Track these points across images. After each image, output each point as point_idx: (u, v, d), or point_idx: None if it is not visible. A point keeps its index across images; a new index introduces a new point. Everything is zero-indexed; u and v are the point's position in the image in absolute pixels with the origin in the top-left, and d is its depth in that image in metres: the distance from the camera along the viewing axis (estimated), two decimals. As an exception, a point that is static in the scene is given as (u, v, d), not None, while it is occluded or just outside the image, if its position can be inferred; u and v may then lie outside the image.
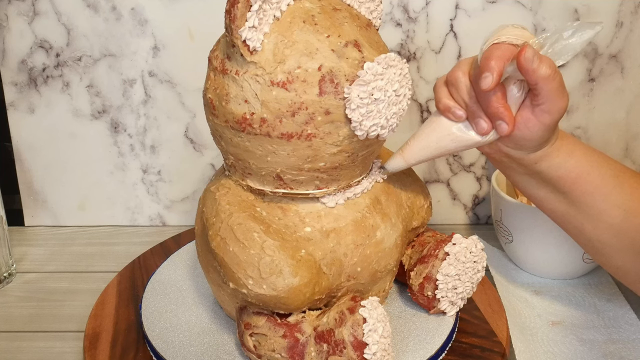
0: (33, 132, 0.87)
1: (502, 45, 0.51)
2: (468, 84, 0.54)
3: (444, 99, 0.55)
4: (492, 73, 0.50)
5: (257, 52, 0.52)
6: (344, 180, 0.58)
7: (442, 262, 0.62)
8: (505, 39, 0.51)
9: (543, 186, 0.58)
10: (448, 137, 0.56)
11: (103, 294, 0.71)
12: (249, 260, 0.54)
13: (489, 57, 0.50)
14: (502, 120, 0.53)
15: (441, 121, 0.56)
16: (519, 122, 0.53)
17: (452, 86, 0.55)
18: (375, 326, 0.54)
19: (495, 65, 0.50)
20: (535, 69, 0.49)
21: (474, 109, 0.54)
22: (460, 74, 0.54)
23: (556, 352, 0.65)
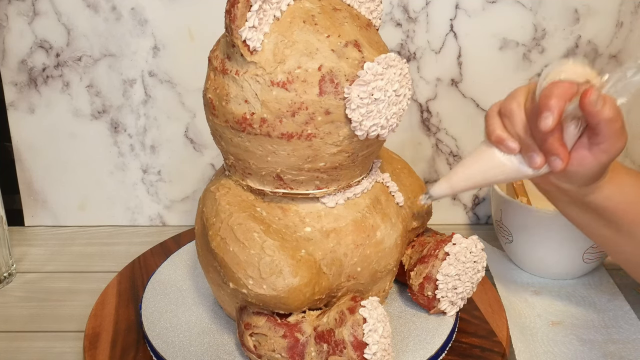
0: (33, 132, 0.87)
1: (562, 84, 0.49)
2: (523, 118, 0.52)
3: (497, 131, 0.53)
4: (552, 113, 0.48)
5: (257, 52, 0.52)
6: (344, 180, 0.58)
7: (442, 262, 0.62)
8: (566, 77, 0.49)
9: (589, 214, 0.57)
10: (498, 168, 0.54)
11: (103, 294, 0.71)
12: (249, 260, 0.54)
13: (549, 95, 0.48)
14: (556, 157, 0.51)
15: (492, 152, 0.54)
16: (574, 158, 0.51)
17: (506, 118, 0.53)
18: (375, 326, 0.54)
19: (556, 105, 0.48)
20: (599, 111, 0.48)
21: (528, 142, 0.52)
22: (515, 106, 0.52)
23: (556, 352, 0.65)
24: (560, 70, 0.50)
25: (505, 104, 0.53)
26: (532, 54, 0.84)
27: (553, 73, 0.50)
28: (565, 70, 0.50)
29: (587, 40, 0.83)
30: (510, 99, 0.53)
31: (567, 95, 0.48)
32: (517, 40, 0.83)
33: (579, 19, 0.82)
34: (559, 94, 0.48)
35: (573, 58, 0.52)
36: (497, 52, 0.84)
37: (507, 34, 0.83)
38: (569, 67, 0.50)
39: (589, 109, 0.47)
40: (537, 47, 0.84)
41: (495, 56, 0.84)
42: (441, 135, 0.88)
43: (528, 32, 0.83)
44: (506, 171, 0.54)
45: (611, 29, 0.83)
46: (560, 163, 0.51)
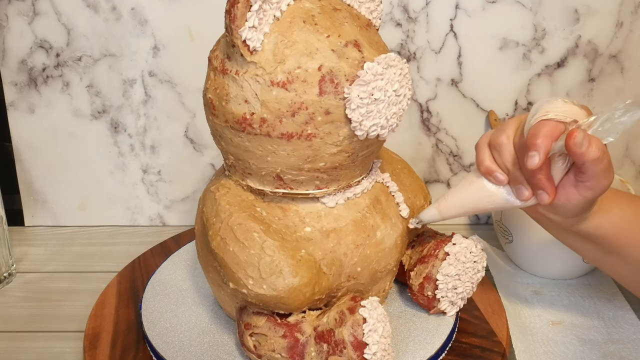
0: (33, 132, 0.87)
1: (549, 123, 0.50)
2: (512, 151, 0.53)
3: (486, 162, 0.55)
4: (538, 152, 0.49)
5: (257, 52, 0.52)
6: (344, 180, 0.58)
7: (442, 262, 0.62)
8: (554, 115, 0.50)
9: (579, 240, 0.58)
10: (486, 198, 0.56)
11: (103, 294, 0.71)
12: (249, 260, 0.54)
13: (537, 134, 0.49)
14: (543, 191, 0.53)
15: (481, 182, 0.56)
16: (560, 193, 0.53)
17: (495, 150, 0.54)
18: (375, 326, 0.54)
19: (542, 144, 0.49)
20: (584, 152, 0.48)
21: (516, 175, 0.54)
22: (504, 139, 0.53)
23: (556, 352, 0.65)
24: (548, 108, 0.50)
25: (495, 137, 0.54)
26: (532, 54, 0.84)
27: (541, 110, 0.50)
28: (553, 109, 0.50)
29: (587, 40, 0.83)
30: (500, 131, 0.54)
31: (553, 134, 0.49)
32: (517, 40, 0.83)
33: (579, 19, 0.82)
34: (546, 133, 0.49)
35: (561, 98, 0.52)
36: (497, 52, 0.84)
37: (507, 34, 0.83)
38: (558, 105, 0.51)
39: (574, 150, 0.48)
40: (537, 47, 0.84)
41: (495, 56, 0.84)
42: (441, 135, 0.88)
43: (528, 32, 0.83)
44: (495, 201, 0.56)
45: (611, 29, 0.83)
46: (547, 197, 0.52)
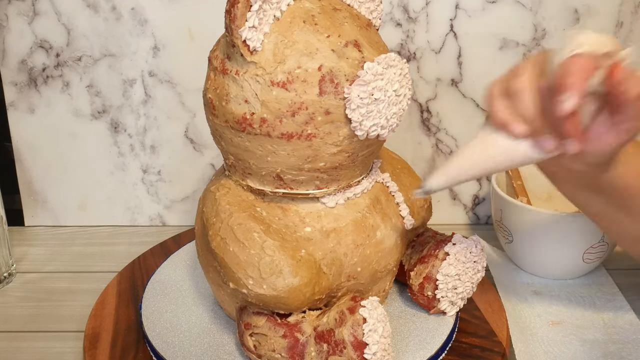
0: (33, 132, 0.87)
1: (583, 59, 0.43)
2: (534, 96, 0.46)
3: (500, 112, 0.47)
4: (573, 94, 0.43)
5: (257, 52, 0.52)
6: (344, 180, 0.58)
7: (442, 262, 0.62)
8: (588, 48, 0.43)
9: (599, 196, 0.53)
10: (502, 155, 0.49)
11: (103, 294, 0.71)
12: (249, 260, 0.54)
13: (569, 72, 0.43)
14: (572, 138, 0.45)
15: (495, 137, 0.48)
16: (591, 138, 0.46)
17: (513, 97, 0.47)
18: (375, 326, 0.54)
19: (578, 84, 0.43)
20: (627, 90, 0.43)
21: (539, 124, 0.46)
22: (525, 82, 0.46)
23: (556, 352, 0.65)
24: (579, 40, 0.44)
25: (513, 82, 0.47)
26: (532, 54, 0.84)
27: (569, 46, 0.44)
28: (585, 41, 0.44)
29: (587, 40, 0.83)
30: (515, 76, 0.47)
31: (589, 71, 0.43)
32: (517, 40, 0.83)
33: (579, 19, 0.82)
34: (580, 70, 0.43)
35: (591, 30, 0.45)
36: (497, 52, 0.84)
37: (507, 34, 0.83)
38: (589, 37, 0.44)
39: (616, 89, 0.43)
40: (537, 47, 0.83)
41: (495, 56, 0.84)
42: (441, 135, 0.88)
43: (528, 32, 0.83)
44: (512, 157, 0.49)
45: (611, 29, 0.83)
46: (577, 145, 0.46)
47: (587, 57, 0.43)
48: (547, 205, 0.83)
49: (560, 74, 0.43)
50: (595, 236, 0.72)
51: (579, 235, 0.72)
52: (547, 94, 0.45)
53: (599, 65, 0.44)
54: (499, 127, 0.48)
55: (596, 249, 0.73)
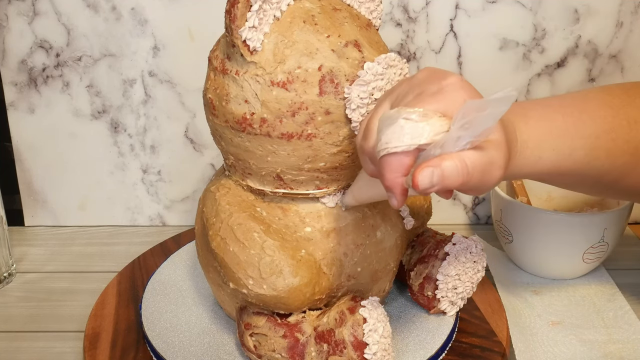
0: (33, 132, 0.87)
1: (392, 158, 0.42)
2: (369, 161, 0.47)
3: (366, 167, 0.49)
4: (394, 194, 0.43)
5: (257, 52, 0.52)
6: (344, 180, 0.58)
7: (442, 262, 0.62)
8: (394, 148, 0.41)
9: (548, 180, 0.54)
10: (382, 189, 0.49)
11: (103, 294, 0.71)
12: (249, 260, 0.54)
13: (383, 174, 0.43)
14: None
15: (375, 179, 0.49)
16: None
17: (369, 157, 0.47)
18: (375, 326, 0.54)
19: (393, 184, 0.42)
20: (441, 187, 0.41)
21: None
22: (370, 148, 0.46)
23: (556, 352, 0.65)
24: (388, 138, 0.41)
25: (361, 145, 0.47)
26: (532, 54, 0.84)
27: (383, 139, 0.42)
28: (393, 139, 0.41)
29: (587, 40, 0.83)
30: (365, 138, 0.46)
31: (402, 169, 0.42)
32: (517, 40, 0.83)
33: (579, 19, 0.82)
34: (392, 170, 0.42)
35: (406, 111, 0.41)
36: (497, 52, 0.84)
37: (507, 34, 0.83)
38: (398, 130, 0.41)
39: (427, 193, 0.42)
40: (537, 47, 0.84)
41: (495, 56, 0.84)
42: (441, 135, 0.88)
43: (528, 32, 0.83)
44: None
45: (611, 29, 0.83)
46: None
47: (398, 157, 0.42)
48: (547, 205, 0.83)
49: (379, 173, 0.43)
50: (595, 236, 0.72)
51: (579, 235, 0.72)
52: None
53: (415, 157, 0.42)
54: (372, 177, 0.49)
55: (596, 249, 0.73)
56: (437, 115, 0.41)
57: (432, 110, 0.42)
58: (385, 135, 0.42)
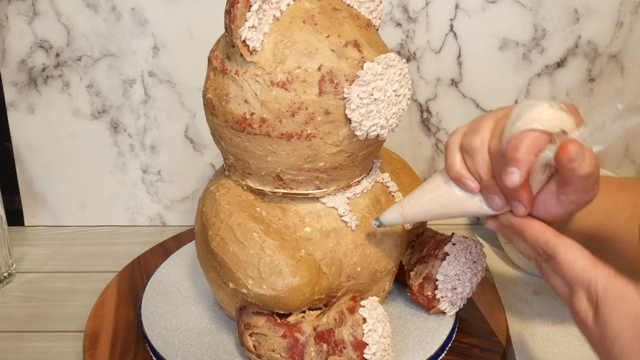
0: (33, 132, 0.87)
1: (533, 134, 0.44)
2: (486, 158, 0.47)
3: (456, 166, 0.49)
4: (520, 169, 0.44)
5: (256, 52, 0.52)
6: (344, 180, 0.58)
7: (441, 262, 0.62)
8: (539, 125, 0.44)
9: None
10: (455, 205, 0.51)
11: (103, 294, 0.71)
12: (248, 260, 0.54)
13: (518, 147, 0.44)
14: (519, 203, 0.47)
15: (449, 187, 0.50)
16: (539, 204, 0.47)
17: (467, 155, 0.48)
18: (375, 326, 0.54)
19: (524, 159, 0.43)
20: (576, 168, 0.43)
21: (489, 184, 0.48)
22: (478, 143, 0.47)
23: (556, 352, 0.65)
24: (532, 115, 0.44)
25: (468, 139, 0.48)
26: (532, 54, 0.84)
27: (524, 118, 0.44)
28: (538, 117, 0.44)
29: (587, 40, 0.83)
30: (473, 133, 0.48)
31: (538, 147, 0.44)
32: (517, 40, 0.83)
33: (579, 19, 0.82)
34: (529, 146, 0.44)
35: (548, 102, 0.44)
36: (497, 52, 0.84)
37: (507, 34, 0.83)
38: (542, 112, 0.44)
39: (566, 166, 0.43)
40: (537, 47, 0.84)
41: (495, 56, 0.84)
42: (441, 135, 0.88)
43: (528, 32, 0.83)
44: (464, 209, 0.51)
45: (611, 29, 0.83)
46: (523, 210, 0.48)
47: (538, 134, 0.44)
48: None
49: (510, 147, 0.44)
50: (595, 236, 0.72)
51: (579, 235, 0.72)
52: (498, 159, 0.46)
53: (550, 141, 0.44)
54: (454, 180, 0.50)
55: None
56: (573, 116, 0.45)
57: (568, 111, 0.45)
58: (531, 114, 0.44)
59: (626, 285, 0.42)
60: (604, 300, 0.42)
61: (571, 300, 0.44)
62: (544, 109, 0.44)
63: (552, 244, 0.45)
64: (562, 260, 0.44)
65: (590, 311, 0.43)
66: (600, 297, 0.42)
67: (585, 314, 0.43)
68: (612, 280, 0.42)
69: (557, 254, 0.45)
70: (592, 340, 0.44)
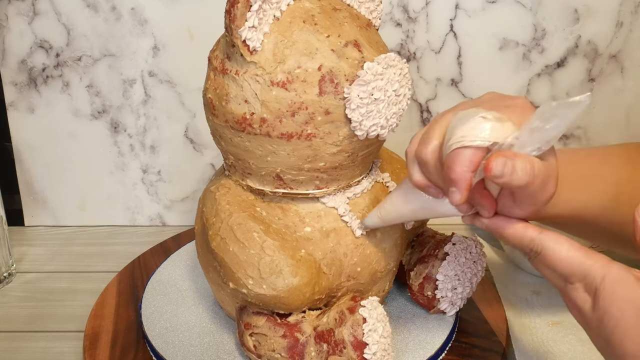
0: (33, 132, 0.87)
1: (464, 152, 0.43)
2: (439, 167, 0.47)
3: (415, 177, 0.49)
4: (458, 188, 0.44)
5: (257, 52, 0.52)
6: (344, 180, 0.58)
7: (442, 262, 0.62)
8: (469, 142, 0.43)
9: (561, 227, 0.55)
10: (425, 209, 0.53)
11: (103, 294, 0.71)
12: (248, 260, 0.54)
13: (451, 167, 0.44)
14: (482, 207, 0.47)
15: (417, 193, 0.51)
16: (502, 205, 0.47)
17: (421, 165, 0.48)
18: (375, 326, 0.54)
19: (460, 178, 0.43)
20: (508, 180, 0.42)
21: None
22: (428, 154, 0.47)
23: (556, 352, 0.65)
24: (462, 132, 0.43)
25: (419, 150, 0.48)
26: (532, 54, 0.84)
27: (456, 134, 0.44)
28: (469, 132, 0.43)
29: (587, 40, 0.83)
30: (423, 144, 0.48)
31: (473, 163, 0.43)
32: (517, 40, 0.83)
33: (579, 19, 0.82)
34: (462, 165, 0.43)
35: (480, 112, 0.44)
36: (497, 52, 0.84)
37: (507, 34, 0.83)
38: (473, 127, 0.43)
39: (497, 182, 0.43)
40: (537, 47, 0.84)
41: (495, 56, 0.84)
42: (441, 135, 0.88)
43: (528, 32, 0.83)
44: (433, 212, 0.52)
45: (611, 29, 0.83)
46: (487, 213, 0.48)
47: (471, 151, 0.43)
48: (547, 205, 0.82)
49: (446, 167, 0.44)
50: (595, 236, 0.72)
51: (579, 235, 0.72)
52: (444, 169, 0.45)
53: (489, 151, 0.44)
54: (415, 187, 0.50)
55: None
56: (510, 122, 0.44)
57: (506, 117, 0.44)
58: (462, 130, 0.43)
59: (623, 271, 0.42)
60: (602, 288, 0.42)
61: (566, 290, 0.44)
62: (475, 122, 0.43)
63: (538, 240, 0.45)
64: (552, 255, 0.44)
65: (589, 300, 0.43)
66: (599, 286, 0.42)
67: (583, 303, 0.43)
68: (609, 267, 0.42)
69: (545, 249, 0.44)
70: (590, 329, 0.44)
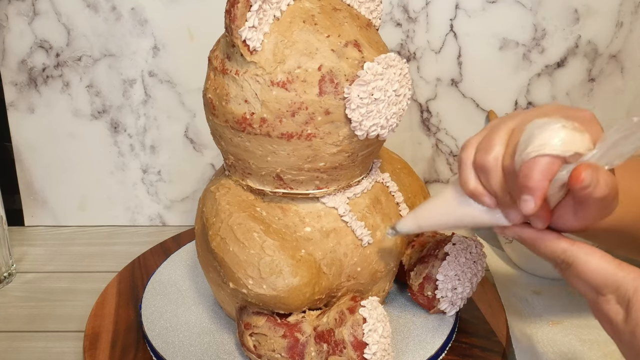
0: (33, 132, 0.87)
1: (544, 160, 0.42)
2: (501, 176, 0.46)
3: (471, 184, 0.48)
4: (534, 197, 0.42)
5: (257, 52, 0.52)
6: (344, 180, 0.58)
7: (442, 262, 0.62)
8: (550, 150, 0.42)
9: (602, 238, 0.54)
10: (471, 218, 0.50)
11: (103, 294, 0.71)
12: (249, 260, 0.54)
13: (529, 175, 0.42)
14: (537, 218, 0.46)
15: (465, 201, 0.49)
16: (556, 217, 0.46)
17: (481, 173, 0.47)
18: (375, 326, 0.54)
19: (538, 187, 0.42)
20: (591, 191, 0.42)
21: (506, 200, 0.46)
22: (491, 161, 0.46)
23: (556, 352, 0.65)
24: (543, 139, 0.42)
25: (481, 157, 0.47)
26: (532, 54, 0.84)
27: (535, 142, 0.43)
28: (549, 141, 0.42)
29: (587, 40, 0.83)
30: (485, 151, 0.46)
31: (551, 172, 0.43)
32: (517, 40, 0.83)
33: (579, 19, 0.82)
34: (541, 173, 0.42)
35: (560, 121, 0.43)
36: (497, 52, 0.84)
37: (507, 34, 0.83)
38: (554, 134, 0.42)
39: (580, 193, 0.42)
40: (537, 47, 0.84)
41: (495, 56, 0.84)
42: (441, 135, 0.88)
43: (528, 32, 0.83)
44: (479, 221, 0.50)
45: (611, 29, 0.83)
46: (541, 225, 0.47)
47: (551, 159, 0.42)
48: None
49: (522, 175, 0.43)
50: (595, 236, 0.72)
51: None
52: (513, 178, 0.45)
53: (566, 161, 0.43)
54: (469, 196, 0.49)
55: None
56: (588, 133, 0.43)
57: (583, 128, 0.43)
58: (541, 138, 0.42)
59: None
60: (635, 300, 0.42)
61: (598, 302, 0.45)
62: (555, 131, 0.42)
63: (570, 252, 0.45)
64: (584, 267, 0.44)
65: (621, 312, 0.43)
66: (632, 297, 0.42)
67: (615, 315, 0.43)
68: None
69: (577, 260, 0.44)
70: (621, 341, 0.44)
